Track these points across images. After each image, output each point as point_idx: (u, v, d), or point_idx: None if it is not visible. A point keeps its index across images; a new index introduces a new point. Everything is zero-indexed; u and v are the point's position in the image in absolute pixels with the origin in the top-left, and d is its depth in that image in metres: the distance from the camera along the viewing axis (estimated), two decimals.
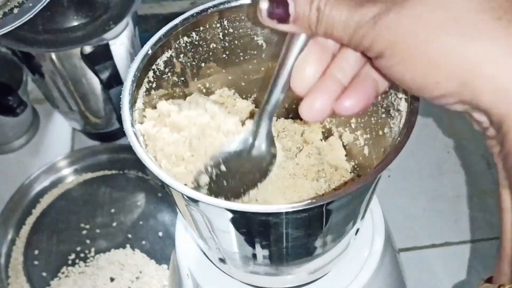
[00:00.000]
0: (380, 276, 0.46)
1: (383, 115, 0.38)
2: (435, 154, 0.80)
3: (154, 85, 0.38)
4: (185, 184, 0.35)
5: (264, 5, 0.28)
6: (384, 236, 0.47)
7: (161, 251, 0.72)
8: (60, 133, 0.86)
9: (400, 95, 0.35)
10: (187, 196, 0.30)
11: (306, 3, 0.27)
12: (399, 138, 0.33)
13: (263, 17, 0.29)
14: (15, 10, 0.56)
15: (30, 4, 0.55)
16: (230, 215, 0.31)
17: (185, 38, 0.39)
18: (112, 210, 0.77)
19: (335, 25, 0.27)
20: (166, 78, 0.39)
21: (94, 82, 0.71)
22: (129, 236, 0.74)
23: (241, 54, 0.41)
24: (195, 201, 0.30)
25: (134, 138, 0.32)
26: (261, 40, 0.41)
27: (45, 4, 0.56)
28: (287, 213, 0.30)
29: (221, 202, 0.30)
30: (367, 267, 0.45)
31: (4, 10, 0.55)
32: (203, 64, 0.41)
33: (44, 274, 0.71)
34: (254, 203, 0.37)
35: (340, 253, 0.42)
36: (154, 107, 0.37)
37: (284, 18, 0.28)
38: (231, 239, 0.35)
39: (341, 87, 0.30)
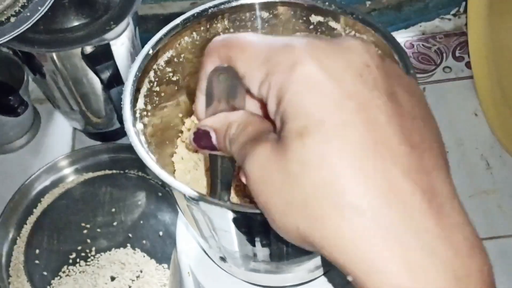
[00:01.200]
0: None
1: None
2: None
3: (155, 84, 0.38)
4: None
5: (190, 136, 0.31)
6: None
7: (162, 250, 0.73)
8: (61, 133, 0.86)
9: None
10: (188, 196, 0.30)
11: (220, 137, 0.29)
12: None
13: (192, 146, 0.31)
14: (12, 19, 0.55)
15: (28, 14, 0.55)
16: (231, 215, 0.32)
17: (186, 38, 0.39)
18: (113, 210, 0.77)
19: (237, 154, 0.28)
20: (167, 78, 0.39)
21: (95, 82, 0.71)
22: (130, 235, 0.74)
23: None
24: (196, 201, 0.30)
25: (135, 138, 0.33)
26: None
27: (43, 13, 0.55)
28: None
29: (222, 202, 0.30)
30: None
31: (1, 19, 0.55)
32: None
33: (45, 273, 0.71)
34: None
35: None
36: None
37: (212, 147, 0.30)
38: (232, 238, 0.35)
39: None
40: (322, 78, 0.24)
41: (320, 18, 0.39)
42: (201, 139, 0.30)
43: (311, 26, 0.40)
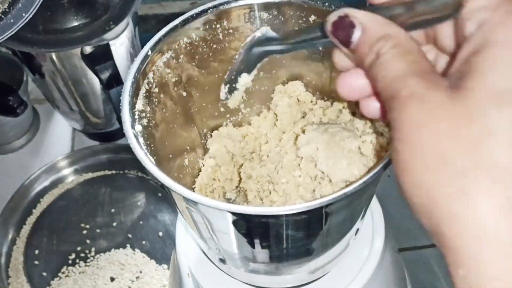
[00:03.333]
0: (380, 276, 0.46)
1: (383, 116, 0.38)
2: None
3: (154, 86, 0.38)
4: None
5: (332, 18, 0.27)
6: (384, 236, 0.47)
7: (161, 251, 0.72)
8: (60, 133, 0.86)
9: None
10: (186, 198, 0.30)
11: (367, 41, 0.25)
12: None
13: (327, 30, 0.27)
14: None
15: (12, 21, 0.54)
16: (230, 216, 0.31)
17: (185, 39, 0.39)
18: (112, 210, 0.77)
19: (382, 77, 0.25)
20: (166, 79, 0.39)
21: (94, 82, 0.71)
22: (129, 236, 0.74)
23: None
24: (195, 202, 0.30)
25: (134, 140, 0.33)
26: None
27: (27, 20, 0.54)
28: (286, 215, 0.30)
29: (221, 204, 0.30)
30: (367, 267, 0.45)
31: None
32: (203, 65, 0.41)
33: (44, 274, 0.71)
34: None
35: (340, 253, 0.42)
36: None
37: (345, 42, 0.26)
38: (231, 240, 0.35)
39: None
40: None
41: (320, 19, 0.39)
42: (340, 27, 0.26)
43: None
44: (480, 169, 0.21)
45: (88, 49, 0.66)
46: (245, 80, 0.43)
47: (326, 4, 0.38)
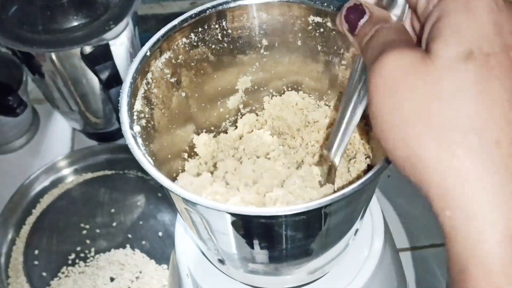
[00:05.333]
0: (379, 276, 0.46)
1: None
2: None
3: (152, 86, 0.37)
4: None
5: (347, 4, 0.31)
6: (384, 236, 0.47)
7: (161, 251, 0.72)
8: (60, 133, 0.86)
9: None
10: (185, 199, 0.30)
11: (371, 23, 0.29)
12: None
13: (341, 16, 0.31)
14: None
15: None
16: (229, 217, 0.31)
17: (184, 40, 0.39)
18: (112, 210, 0.77)
19: (372, 45, 0.28)
20: (165, 80, 0.39)
21: (94, 82, 0.71)
22: (129, 236, 0.74)
23: (240, 55, 0.41)
24: (193, 203, 0.30)
25: (132, 140, 0.32)
26: (260, 42, 0.41)
27: None
28: (285, 215, 0.30)
29: (220, 205, 0.30)
30: (366, 267, 0.45)
31: None
32: (201, 65, 0.41)
33: (44, 274, 0.71)
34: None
35: (339, 254, 0.42)
36: None
37: (353, 26, 0.30)
38: (230, 240, 0.35)
39: None
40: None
41: (319, 19, 0.39)
42: (353, 12, 0.30)
43: (310, 27, 0.40)
44: (455, 120, 0.24)
45: (87, 49, 0.66)
46: (244, 80, 0.43)
47: (325, 4, 0.38)
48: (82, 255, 0.72)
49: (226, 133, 0.45)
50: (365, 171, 0.39)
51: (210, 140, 0.43)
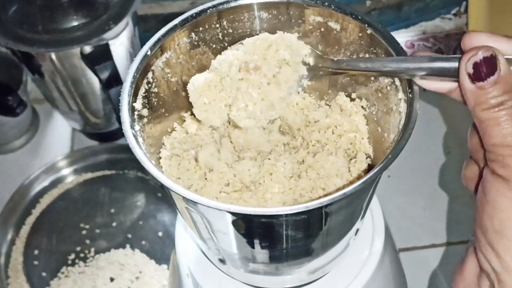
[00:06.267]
0: (380, 276, 0.46)
1: (383, 116, 0.37)
2: (435, 154, 0.80)
3: (153, 86, 0.37)
4: None
5: (482, 54, 0.28)
6: (384, 236, 0.47)
7: (161, 251, 0.72)
8: (59, 133, 0.86)
9: (400, 95, 0.35)
10: (186, 198, 0.30)
11: (499, 86, 0.28)
12: (398, 139, 0.33)
13: (469, 60, 0.29)
14: None
15: None
16: (230, 217, 0.31)
17: (184, 39, 0.39)
18: (112, 210, 0.77)
19: (500, 126, 0.28)
20: (166, 79, 0.39)
21: (94, 82, 0.71)
22: (129, 236, 0.74)
23: None
24: (194, 203, 0.30)
25: (133, 140, 0.32)
26: None
27: None
28: (286, 215, 0.30)
29: (220, 204, 0.29)
30: (367, 267, 0.45)
31: None
32: (202, 65, 0.41)
33: (44, 274, 0.71)
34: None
35: (339, 253, 0.42)
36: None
37: (479, 78, 0.29)
38: (231, 240, 0.35)
39: None
40: None
41: (319, 19, 0.39)
42: (484, 64, 0.28)
43: (310, 27, 0.39)
44: None
45: (87, 49, 0.66)
46: None
47: (326, 4, 0.38)
48: (82, 255, 0.72)
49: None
50: (366, 171, 0.39)
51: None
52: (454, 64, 0.30)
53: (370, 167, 0.39)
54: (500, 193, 0.28)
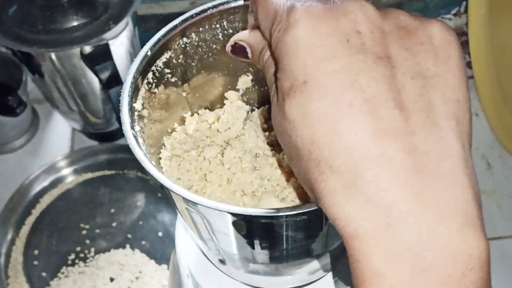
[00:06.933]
0: None
1: None
2: None
3: (153, 86, 0.37)
4: None
5: (228, 46, 0.34)
6: None
7: (161, 251, 0.72)
8: (59, 133, 0.86)
9: None
10: (186, 199, 0.30)
11: (256, 55, 0.32)
12: None
13: (229, 52, 0.34)
14: None
15: None
16: (230, 217, 0.31)
17: (185, 39, 0.39)
18: (112, 210, 0.77)
19: (269, 75, 0.30)
20: (166, 79, 0.39)
21: (94, 82, 0.71)
22: (129, 236, 0.74)
23: None
24: (194, 203, 0.30)
25: (133, 140, 0.32)
26: None
27: None
28: (287, 215, 0.30)
29: (221, 205, 0.29)
30: None
31: None
32: (202, 65, 0.41)
33: (43, 274, 0.71)
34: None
35: (340, 254, 0.42)
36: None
37: (246, 58, 0.33)
38: (231, 241, 0.35)
39: None
40: (309, 42, 0.25)
41: None
42: (238, 52, 0.33)
43: None
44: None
45: (87, 49, 0.66)
46: (245, 80, 0.43)
47: None
48: (82, 255, 0.72)
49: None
50: None
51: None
52: None
53: None
54: None
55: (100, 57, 0.66)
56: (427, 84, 0.25)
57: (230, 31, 0.40)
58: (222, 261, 0.41)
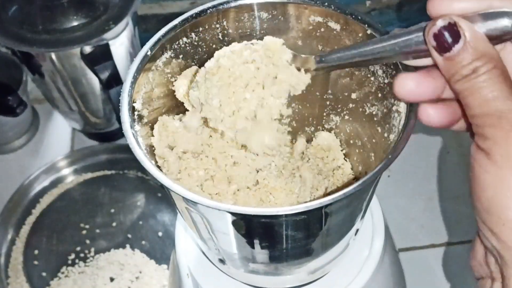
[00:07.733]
0: (379, 276, 0.46)
1: (383, 116, 0.38)
2: (435, 154, 0.80)
3: (153, 86, 0.38)
4: None
5: (440, 23, 0.28)
6: (384, 236, 0.47)
7: (161, 251, 0.72)
8: (60, 133, 0.86)
9: None
10: (186, 198, 0.30)
11: (467, 55, 0.27)
12: (398, 139, 0.33)
13: (430, 32, 0.28)
14: None
15: None
16: (230, 217, 0.31)
17: (184, 39, 0.39)
18: (112, 210, 0.77)
19: (476, 95, 0.27)
20: (166, 79, 0.39)
21: (94, 82, 0.71)
22: (129, 236, 0.74)
23: None
24: (194, 203, 0.30)
25: (133, 140, 0.32)
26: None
27: None
28: (286, 215, 0.30)
29: (220, 204, 0.29)
30: (366, 267, 0.45)
31: None
32: (202, 65, 0.41)
33: (44, 274, 0.71)
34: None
35: (339, 254, 0.42)
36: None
37: (445, 48, 0.27)
38: (231, 240, 0.35)
39: (437, 94, 0.30)
40: None
41: (319, 19, 0.39)
42: (446, 33, 0.27)
43: (310, 27, 0.40)
44: None
45: (87, 49, 0.66)
46: None
47: (326, 4, 0.38)
48: (82, 255, 0.72)
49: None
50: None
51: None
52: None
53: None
54: (483, 169, 0.27)
55: (100, 57, 0.66)
56: None
57: (230, 30, 0.40)
58: (222, 261, 0.41)
